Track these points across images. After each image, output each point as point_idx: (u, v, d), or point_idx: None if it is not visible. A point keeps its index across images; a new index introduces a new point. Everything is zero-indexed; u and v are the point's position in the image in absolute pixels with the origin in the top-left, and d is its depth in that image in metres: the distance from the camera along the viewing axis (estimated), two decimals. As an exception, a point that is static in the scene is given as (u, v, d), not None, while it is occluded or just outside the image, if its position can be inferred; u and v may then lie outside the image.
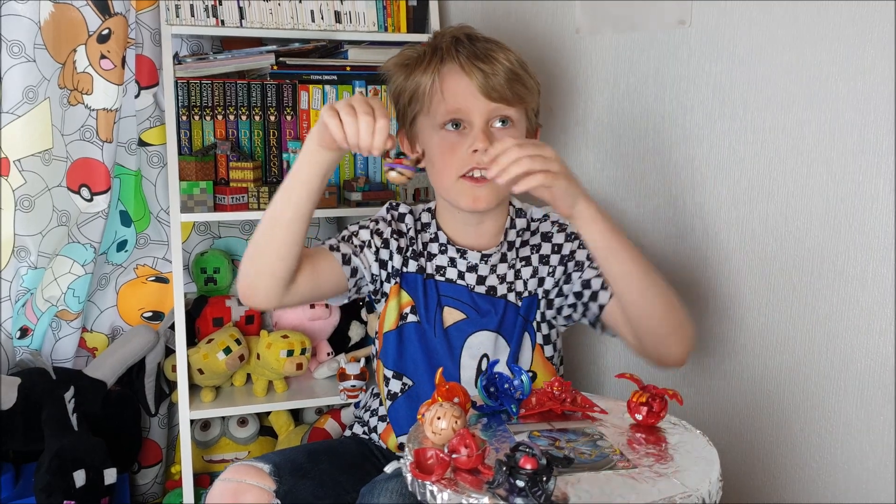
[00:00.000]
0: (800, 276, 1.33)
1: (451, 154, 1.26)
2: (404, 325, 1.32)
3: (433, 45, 1.31)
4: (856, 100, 1.23)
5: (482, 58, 1.26)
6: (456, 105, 1.26)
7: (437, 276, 1.34)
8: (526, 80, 1.30)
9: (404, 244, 1.35)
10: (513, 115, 1.28)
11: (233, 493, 1.15)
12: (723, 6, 1.38)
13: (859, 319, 1.26)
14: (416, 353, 1.32)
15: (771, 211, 1.36)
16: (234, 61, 1.68)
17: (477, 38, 1.31)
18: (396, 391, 1.33)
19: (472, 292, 1.32)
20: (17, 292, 1.67)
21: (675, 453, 0.89)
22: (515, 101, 1.27)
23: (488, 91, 1.25)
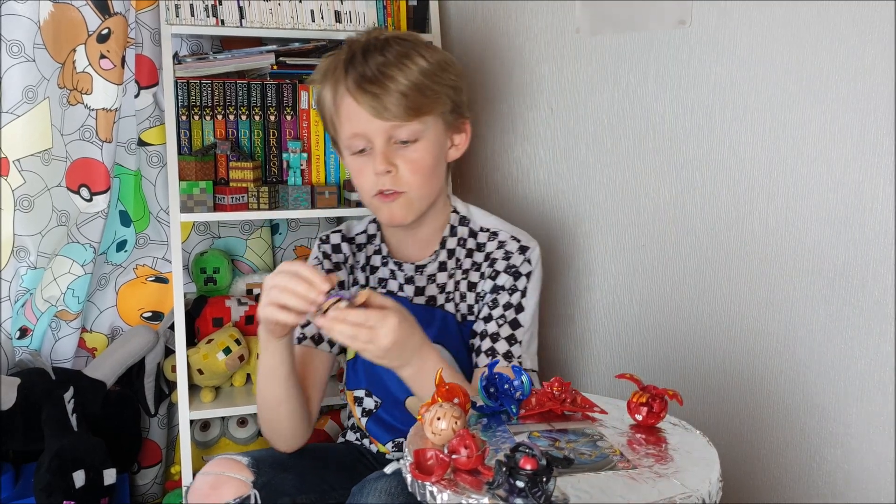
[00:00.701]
0: (800, 276, 1.33)
1: (361, 176, 1.26)
2: None
3: (335, 62, 1.26)
4: (856, 100, 1.23)
5: (372, 79, 1.21)
6: (352, 130, 1.24)
7: (380, 288, 1.35)
8: (430, 88, 1.24)
9: (344, 276, 1.37)
10: (416, 129, 1.24)
11: (211, 485, 1.16)
12: (723, 6, 1.38)
13: (859, 319, 1.26)
14: (373, 372, 1.33)
15: (771, 211, 1.36)
16: (233, 61, 1.68)
17: (374, 50, 1.24)
18: (371, 407, 1.35)
19: (412, 304, 1.32)
20: (17, 292, 1.67)
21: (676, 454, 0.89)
22: (413, 116, 1.23)
23: (380, 112, 1.21)
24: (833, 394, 1.31)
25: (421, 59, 1.24)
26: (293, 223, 1.99)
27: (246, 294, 1.85)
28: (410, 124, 1.23)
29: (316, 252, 1.39)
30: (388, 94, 1.20)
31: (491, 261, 1.30)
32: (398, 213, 1.26)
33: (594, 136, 1.62)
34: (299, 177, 1.67)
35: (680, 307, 1.51)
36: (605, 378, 1.66)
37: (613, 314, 1.63)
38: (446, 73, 1.27)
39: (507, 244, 1.30)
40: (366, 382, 1.36)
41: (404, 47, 1.25)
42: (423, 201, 1.27)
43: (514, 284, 1.28)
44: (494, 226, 1.33)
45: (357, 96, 1.21)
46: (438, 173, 1.29)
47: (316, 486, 1.23)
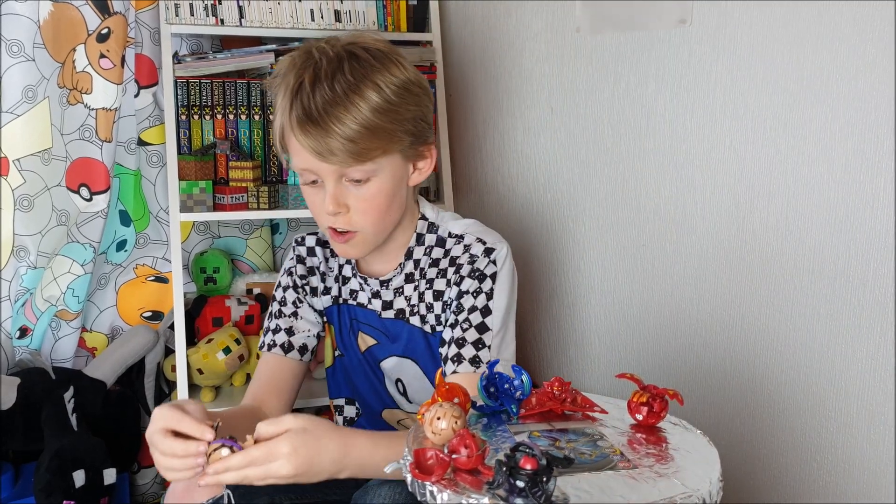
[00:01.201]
0: (800, 275, 1.33)
1: (314, 208, 1.20)
2: (338, 358, 1.34)
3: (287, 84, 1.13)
4: (856, 99, 1.23)
5: (315, 119, 1.09)
6: (301, 166, 1.15)
7: (351, 299, 1.31)
8: (382, 128, 1.12)
9: (316, 283, 1.32)
10: (368, 169, 1.13)
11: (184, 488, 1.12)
12: (724, 6, 1.38)
13: (860, 319, 1.26)
14: (349, 383, 1.33)
15: (772, 210, 1.35)
16: (233, 60, 1.68)
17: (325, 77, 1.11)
18: (352, 416, 1.35)
19: (381, 318, 1.28)
20: (17, 292, 1.67)
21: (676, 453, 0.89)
22: (363, 160, 1.12)
23: (326, 156, 1.11)
24: (834, 393, 1.30)
25: (373, 93, 1.11)
26: (293, 223, 1.99)
27: (246, 294, 1.85)
28: (362, 166, 1.13)
29: (291, 253, 1.34)
30: (332, 137, 1.09)
31: (457, 266, 1.22)
32: (351, 251, 1.21)
33: (594, 136, 1.62)
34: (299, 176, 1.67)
35: (680, 306, 1.51)
36: (605, 377, 1.66)
37: (614, 313, 1.63)
38: (405, 103, 1.15)
39: (473, 247, 1.22)
40: (346, 391, 1.35)
41: (356, 76, 1.11)
42: (379, 236, 1.20)
43: (478, 287, 1.20)
44: (463, 230, 1.25)
45: (300, 137, 1.11)
46: (396, 205, 1.20)
47: (294, 486, 1.20)
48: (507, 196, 1.80)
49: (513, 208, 1.77)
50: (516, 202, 1.78)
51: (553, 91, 1.68)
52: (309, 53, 1.14)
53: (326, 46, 1.15)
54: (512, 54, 1.75)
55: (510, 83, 1.77)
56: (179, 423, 0.97)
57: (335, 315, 1.32)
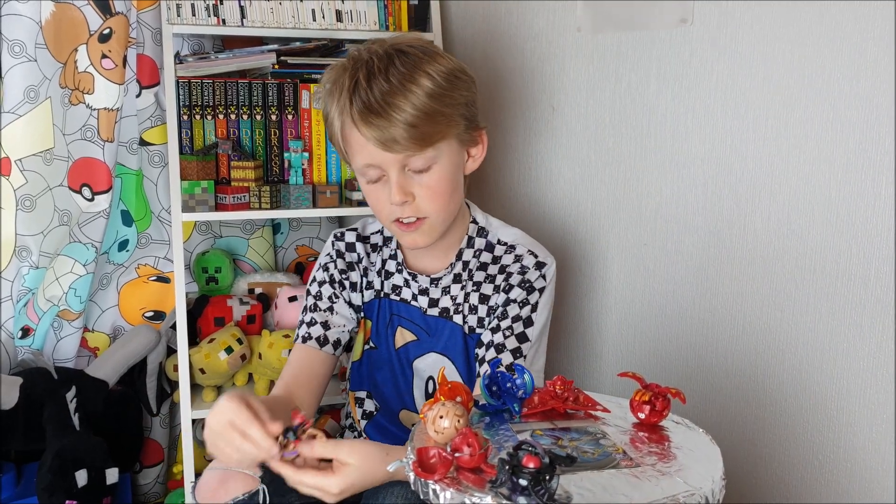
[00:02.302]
0: (802, 274, 1.33)
1: (378, 204, 1.22)
2: (366, 352, 1.35)
3: (340, 86, 1.19)
4: (858, 98, 1.23)
5: (376, 110, 1.14)
6: (364, 161, 1.18)
7: (393, 294, 1.33)
8: (440, 113, 1.17)
9: (357, 278, 1.34)
10: (430, 156, 1.18)
11: (219, 479, 1.16)
12: (725, 5, 1.38)
13: (861, 318, 1.26)
14: (374, 378, 1.34)
15: (773, 210, 1.35)
16: (235, 60, 1.68)
17: (378, 72, 1.16)
18: (372, 409, 1.36)
19: (425, 315, 1.30)
20: (19, 292, 1.67)
21: (678, 452, 0.89)
22: (426, 145, 1.16)
23: (389, 146, 1.15)
24: (835, 392, 1.30)
25: (427, 80, 1.16)
26: (295, 222, 1.99)
27: (247, 293, 1.85)
28: (424, 153, 1.17)
29: (329, 249, 1.36)
30: (395, 126, 1.13)
31: (507, 274, 1.27)
32: (420, 239, 1.23)
33: (595, 135, 1.62)
34: (301, 176, 1.67)
35: (682, 305, 1.51)
36: (607, 376, 1.66)
37: (615, 313, 1.63)
38: (456, 89, 1.20)
39: (525, 258, 1.27)
40: (367, 385, 1.36)
41: (408, 66, 1.17)
42: (444, 224, 1.24)
43: (526, 298, 1.25)
44: (513, 239, 1.30)
45: (363, 130, 1.15)
46: (457, 192, 1.25)
47: None
48: (507, 196, 1.81)
49: (513, 207, 1.78)
50: (517, 201, 1.78)
51: (554, 90, 1.68)
52: (358, 56, 1.20)
53: (374, 47, 1.20)
54: (513, 54, 1.75)
55: (511, 83, 1.77)
56: (248, 426, 1.01)
57: (375, 309, 1.34)
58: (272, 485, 1.16)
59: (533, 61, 1.72)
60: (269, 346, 1.68)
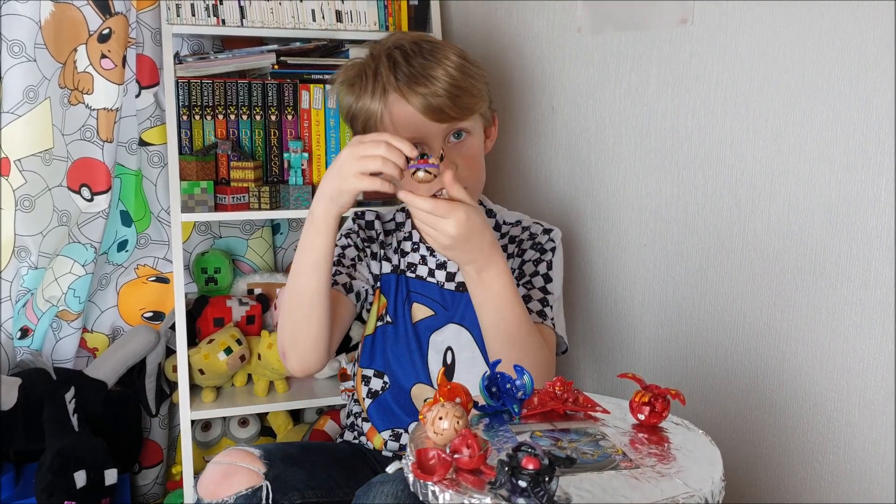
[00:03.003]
0: (802, 275, 1.33)
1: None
2: (379, 328, 1.38)
3: (373, 68, 1.27)
4: (858, 99, 1.23)
5: (420, 80, 1.24)
6: (408, 134, 1.23)
7: (409, 272, 1.38)
8: (471, 86, 1.28)
9: (376, 249, 1.39)
10: (467, 126, 1.29)
11: (223, 474, 1.16)
12: (725, 5, 1.38)
13: (861, 319, 1.26)
14: (387, 353, 1.36)
15: (773, 210, 1.35)
16: (234, 61, 1.68)
17: (411, 53, 1.26)
18: (378, 389, 1.37)
19: (442, 289, 1.35)
20: (18, 292, 1.67)
21: (678, 453, 0.89)
22: (465, 115, 1.27)
23: (435, 115, 1.24)
24: (835, 393, 1.30)
25: (454, 55, 1.27)
26: (294, 223, 1.99)
27: (247, 294, 1.85)
28: (464, 122, 1.27)
29: (350, 224, 1.41)
30: (439, 95, 1.23)
31: (518, 242, 1.38)
32: None
33: (595, 135, 1.62)
34: (300, 176, 1.67)
35: (682, 306, 1.51)
36: (607, 377, 1.66)
37: (615, 313, 1.62)
38: (477, 67, 1.31)
39: (532, 227, 1.39)
40: (379, 363, 1.37)
41: (434, 47, 1.28)
42: (478, 195, 1.34)
43: (539, 257, 1.35)
44: (517, 218, 1.42)
45: (412, 99, 1.23)
46: (484, 167, 1.35)
47: (323, 483, 1.23)
48: (508, 196, 1.80)
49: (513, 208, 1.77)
50: (517, 202, 1.78)
51: (554, 91, 1.68)
52: (379, 49, 1.29)
53: (391, 39, 1.30)
54: (513, 54, 1.75)
55: (511, 83, 1.77)
56: (389, 136, 1.09)
57: (392, 284, 1.38)
58: (276, 481, 1.16)
59: (533, 61, 1.72)
60: (268, 346, 1.68)
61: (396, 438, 1.35)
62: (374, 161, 1.08)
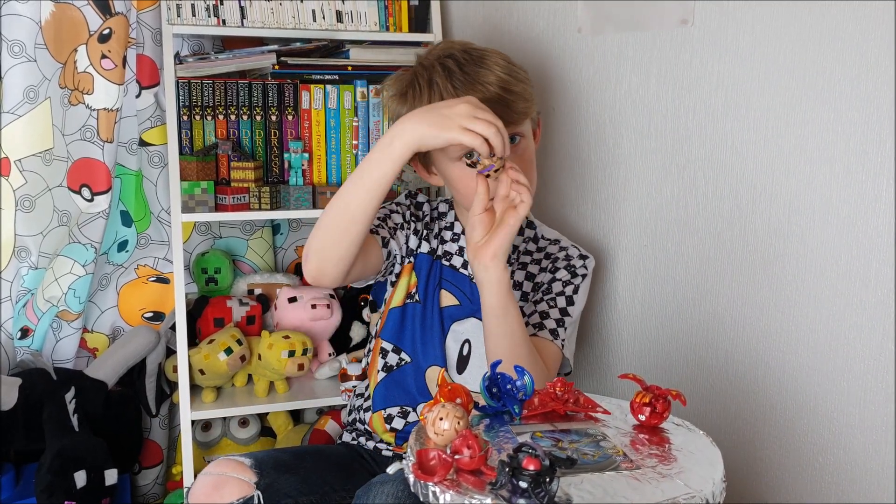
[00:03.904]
0: (802, 275, 1.33)
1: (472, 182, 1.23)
2: (408, 304, 1.39)
3: (427, 78, 1.28)
4: (858, 99, 1.23)
5: (476, 87, 1.25)
6: None
7: (444, 260, 1.40)
8: (522, 90, 1.29)
9: (420, 227, 1.40)
10: (520, 131, 1.29)
11: (213, 485, 1.16)
12: (725, 6, 1.38)
13: (862, 320, 1.26)
14: (414, 331, 1.38)
15: (773, 210, 1.35)
16: (235, 61, 1.68)
17: (464, 62, 1.28)
18: (393, 364, 1.38)
19: (472, 282, 1.36)
20: (18, 293, 1.67)
21: (679, 454, 0.89)
22: (517, 120, 1.28)
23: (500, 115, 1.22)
24: (836, 394, 1.30)
25: (503, 62, 1.30)
26: (294, 223, 1.99)
27: (247, 294, 1.85)
28: (520, 125, 1.29)
29: (402, 199, 1.43)
30: (494, 101, 1.23)
31: (553, 259, 1.41)
32: None
33: (596, 136, 1.62)
34: (301, 177, 1.67)
35: (682, 307, 1.51)
36: (607, 378, 1.66)
37: (615, 314, 1.62)
38: (523, 71, 1.33)
39: (570, 250, 1.42)
40: (402, 339, 1.38)
41: (482, 54, 1.30)
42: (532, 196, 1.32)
43: (570, 279, 1.38)
44: (557, 236, 1.45)
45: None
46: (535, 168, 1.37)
47: (317, 488, 1.23)
48: (508, 196, 1.80)
49: (514, 209, 1.77)
50: (518, 203, 1.77)
51: (554, 91, 1.68)
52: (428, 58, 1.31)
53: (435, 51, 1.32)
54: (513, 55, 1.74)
55: (512, 83, 1.76)
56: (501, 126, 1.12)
57: (426, 266, 1.39)
58: (267, 490, 1.16)
59: (533, 62, 1.71)
60: (268, 346, 1.68)
61: (404, 416, 1.36)
62: (486, 126, 1.10)
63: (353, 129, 1.73)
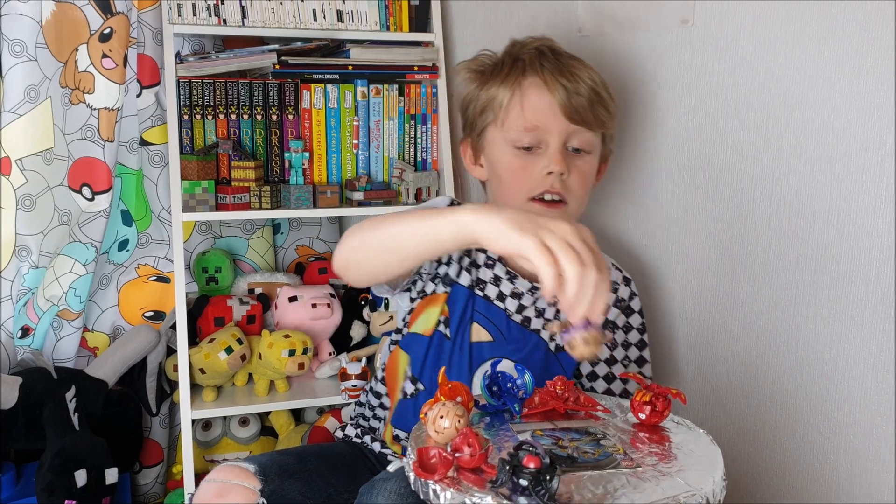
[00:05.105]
0: (802, 275, 1.33)
1: (523, 174, 1.21)
2: (438, 334, 1.28)
3: (513, 55, 1.25)
4: (858, 99, 1.23)
5: (566, 75, 1.21)
6: (535, 122, 1.20)
7: (477, 289, 1.27)
8: (608, 102, 1.26)
9: (461, 253, 1.27)
10: (591, 140, 1.24)
11: (217, 492, 1.13)
12: (725, 6, 1.38)
13: (862, 319, 1.26)
14: (438, 365, 1.29)
15: (774, 210, 1.35)
16: (235, 60, 1.68)
17: (561, 52, 1.26)
18: (408, 392, 1.32)
19: (509, 318, 1.26)
20: (19, 292, 1.67)
21: (679, 452, 0.89)
22: (596, 125, 1.23)
23: (570, 111, 1.20)
24: (836, 393, 1.30)
25: (595, 74, 1.25)
26: (295, 223, 1.99)
27: (247, 293, 1.85)
28: (588, 133, 1.23)
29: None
30: (580, 94, 1.20)
31: None
32: None
33: (596, 136, 1.62)
34: (301, 176, 1.67)
35: (683, 306, 1.51)
36: (607, 378, 1.66)
37: (615, 314, 1.63)
38: (612, 95, 1.29)
39: (611, 273, 1.25)
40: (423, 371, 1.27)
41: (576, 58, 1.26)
42: (576, 216, 1.24)
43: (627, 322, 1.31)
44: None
45: (553, 88, 1.20)
46: (589, 192, 1.27)
47: (322, 491, 1.21)
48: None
49: (514, 208, 1.77)
50: (518, 202, 1.77)
51: (555, 91, 1.68)
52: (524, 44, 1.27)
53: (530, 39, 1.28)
54: (514, 54, 1.75)
55: (512, 83, 1.77)
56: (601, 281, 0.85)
57: (461, 302, 1.26)
58: (272, 497, 1.15)
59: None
60: (268, 346, 1.68)
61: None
62: (571, 260, 0.83)
63: (353, 128, 1.73)
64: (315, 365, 1.80)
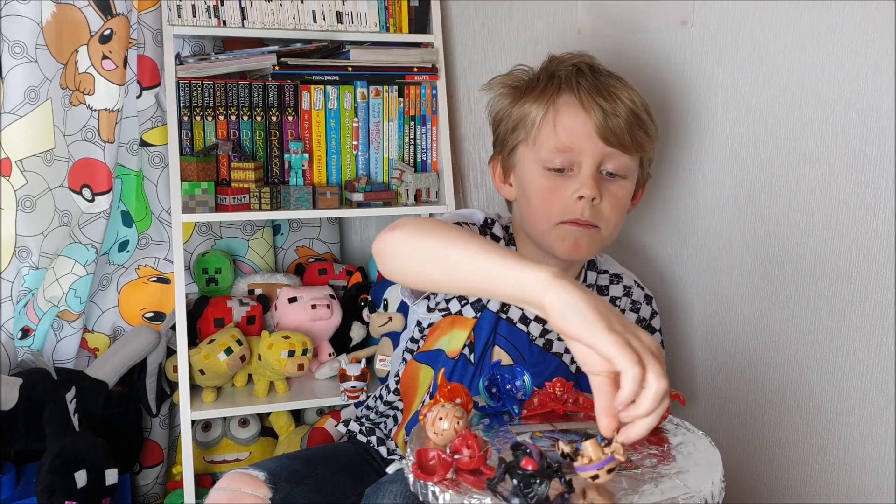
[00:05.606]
0: (802, 276, 1.33)
1: (553, 197, 1.16)
2: (463, 357, 1.25)
3: (549, 71, 1.20)
4: (858, 100, 1.23)
5: (604, 94, 1.15)
6: (568, 143, 1.15)
7: (501, 312, 1.23)
8: (648, 125, 1.19)
9: None
10: (628, 165, 1.17)
11: (227, 501, 1.13)
12: (725, 7, 1.38)
13: (861, 320, 1.26)
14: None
15: (773, 212, 1.35)
16: (235, 62, 1.68)
17: (600, 70, 1.20)
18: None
19: (531, 342, 1.24)
20: (19, 293, 1.67)
21: (678, 454, 0.89)
22: (633, 149, 1.17)
23: (606, 134, 1.14)
24: (835, 394, 1.30)
25: (636, 94, 1.19)
26: (294, 223, 1.99)
27: (247, 294, 1.85)
28: (625, 157, 1.16)
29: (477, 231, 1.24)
30: (618, 115, 1.14)
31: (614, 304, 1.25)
32: (584, 245, 1.16)
33: (596, 137, 1.62)
34: (301, 177, 1.67)
35: (682, 308, 1.51)
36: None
37: (615, 315, 1.62)
38: (653, 116, 1.22)
39: (633, 291, 1.28)
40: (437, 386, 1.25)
41: (618, 76, 1.21)
42: (608, 242, 1.19)
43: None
44: (616, 269, 1.31)
45: (589, 108, 1.14)
46: (623, 219, 1.22)
47: (331, 495, 1.20)
48: (508, 197, 1.80)
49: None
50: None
51: (555, 92, 1.68)
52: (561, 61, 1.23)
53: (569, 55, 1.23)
54: (513, 56, 1.75)
55: (512, 84, 1.77)
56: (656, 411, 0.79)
57: (486, 328, 1.22)
58: None
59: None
60: (268, 347, 1.68)
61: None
62: (658, 373, 0.77)
63: (353, 129, 1.73)
64: (315, 366, 1.80)
